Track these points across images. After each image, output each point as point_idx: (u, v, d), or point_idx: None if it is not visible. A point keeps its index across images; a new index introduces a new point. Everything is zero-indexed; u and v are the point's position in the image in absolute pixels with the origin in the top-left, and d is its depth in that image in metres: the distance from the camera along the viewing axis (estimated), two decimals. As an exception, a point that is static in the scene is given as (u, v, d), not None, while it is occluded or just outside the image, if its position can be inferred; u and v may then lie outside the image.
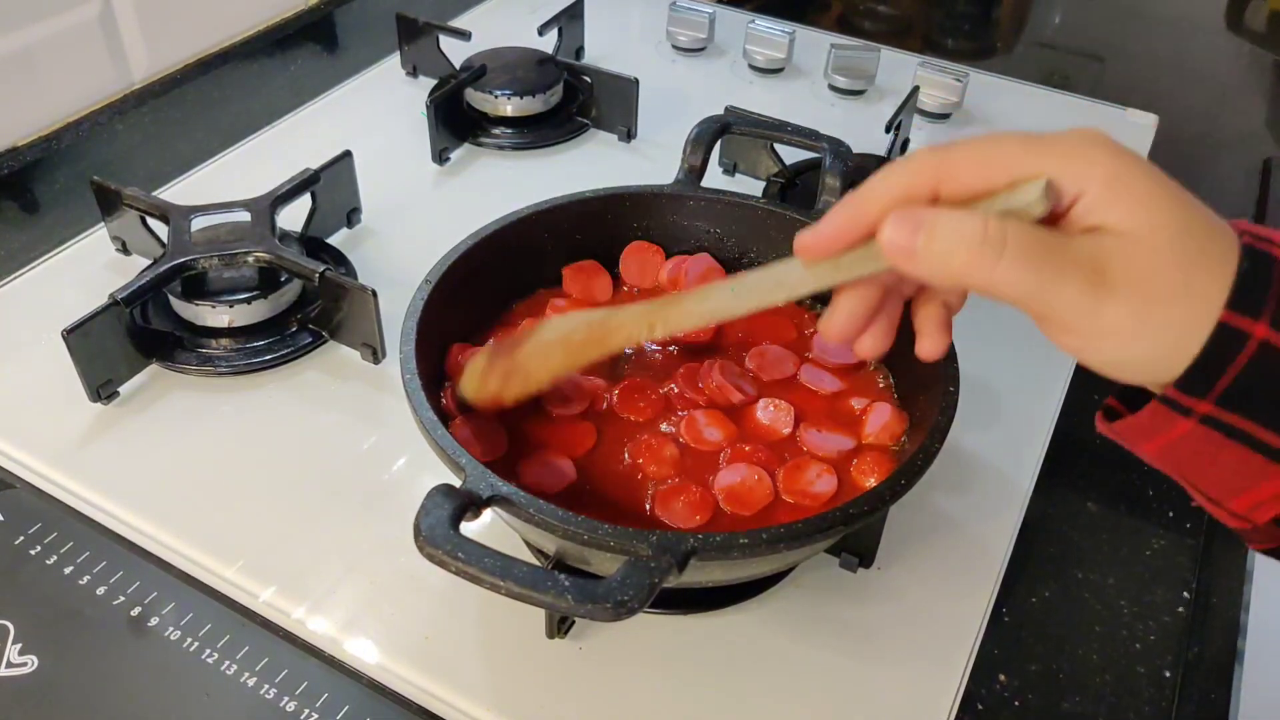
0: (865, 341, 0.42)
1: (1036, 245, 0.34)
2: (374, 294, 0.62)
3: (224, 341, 0.65)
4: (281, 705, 0.47)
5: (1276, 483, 0.35)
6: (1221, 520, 0.39)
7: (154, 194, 0.71)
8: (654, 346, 0.58)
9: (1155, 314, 0.33)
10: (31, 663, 0.48)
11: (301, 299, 0.68)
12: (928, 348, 0.41)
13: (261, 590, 0.52)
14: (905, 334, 0.54)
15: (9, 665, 0.48)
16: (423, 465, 0.58)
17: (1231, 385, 0.33)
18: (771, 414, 0.53)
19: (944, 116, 0.92)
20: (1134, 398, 0.38)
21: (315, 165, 0.72)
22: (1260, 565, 0.56)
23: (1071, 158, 0.34)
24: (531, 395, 0.50)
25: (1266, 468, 0.34)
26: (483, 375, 0.50)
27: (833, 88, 0.96)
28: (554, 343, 0.49)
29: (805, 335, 0.59)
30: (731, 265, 0.63)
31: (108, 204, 0.71)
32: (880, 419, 0.53)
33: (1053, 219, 0.35)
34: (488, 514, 0.43)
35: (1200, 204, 0.35)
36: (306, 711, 0.46)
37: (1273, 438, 0.34)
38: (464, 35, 0.92)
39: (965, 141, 0.36)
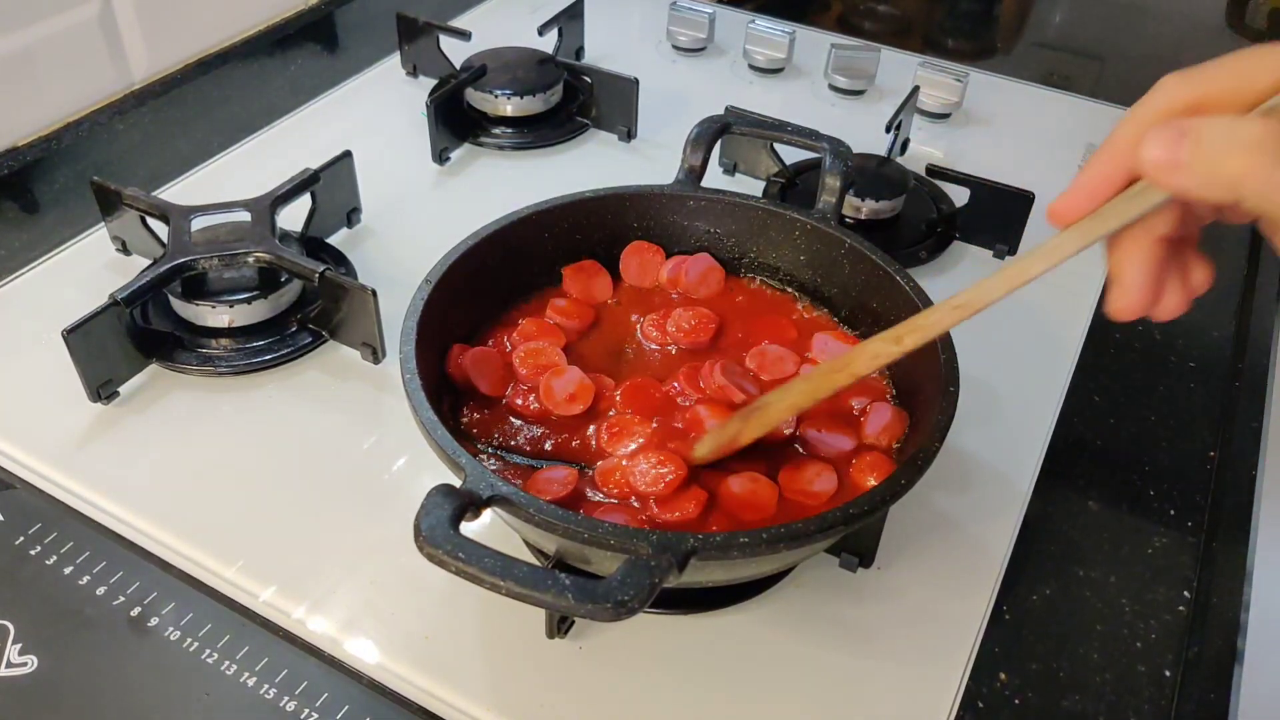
0: (1167, 303, 0.37)
1: None
2: (374, 294, 0.62)
3: (224, 341, 0.65)
4: (281, 705, 0.47)
5: None
6: None
7: (154, 194, 0.71)
8: (654, 346, 0.58)
9: None
10: (31, 663, 0.48)
11: (301, 299, 0.68)
12: (1200, 280, 0.37)
13: (261, 590, 0.52)
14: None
15: (9, 665, 0.48)
16: (423, 465, 0.58)
17: None
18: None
19: (944, 116, 0.92)
20: None
21: (315, 165, 0.72)
22: (1260, 565, 0.56)
23: None
24: (768, 431, 0.49)
25: None
26: (722, 427, 0.50)
27: (833, 88, 0.96)
28: (800, 379, 0.49)
29: (806, 334, 0.59)
30: (732, 265, 0.63)
31: (108, 204, 0.71)
32: (881, 419, 0.53)
33: None
34: (488, 514, 0.43)
35: None
36: (306, 711, 0.46)
37: None
38: (464, 35, 0.92)
39: (1215, 60, 0.33)
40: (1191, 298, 0.38)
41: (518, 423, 0.53)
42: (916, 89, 0.90)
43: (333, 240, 0.74)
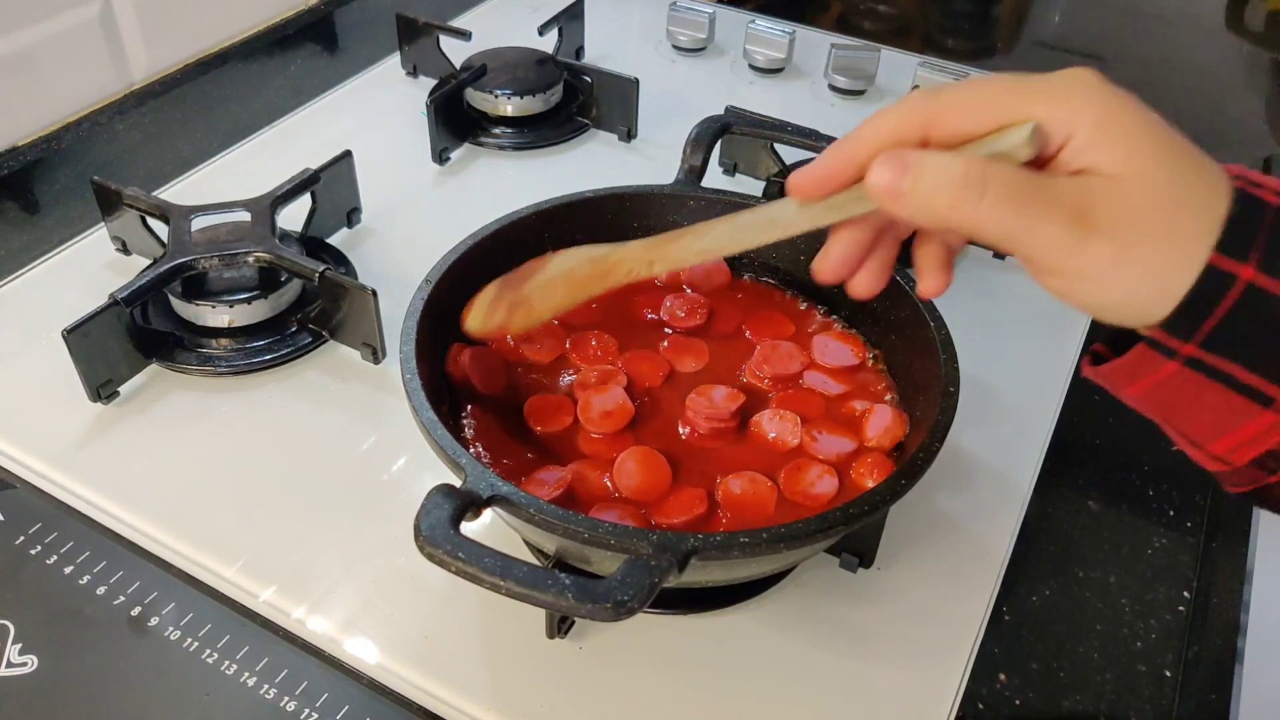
0: (860, 280, 0.43)
1: (1019, 185, 0.34)
2: (374, 294, 0.62)
3: (224, 341, 0.65)
4: (281, 705, 0.47)
5: (1257, 424, 0.35)
6: (1201, 463, 0.39)
7: (154, 194, 0.71)
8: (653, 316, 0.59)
9: (1137, 254, 0.34)
10: (31, 663, 0.48)
11: (301, 299, 0.68)
12: (927, 286, 0.42)
13: (261, 590, 0.52)
14: (905, 334, 0.55)
15: (9, 665, 0.48)
16: (423, 465, 0.58)
17: (1217, 327, 0.34)
18: (778, 425, 0.53)
19: (944, 116, 0.92)
20: (1120, 343, 0.38)
21: (315, 165, 0.72)
22: (1260, 565, 0.56)
23: (1061, 100, 0.34)
24: (533, 327, 0.52)
25: (1249, 409, 0.35)
26: (490, 307, 0.51)
27: (833, 88, 0.96)
28: (558, 277, 0.50)
29: (806, 334, 0.59)
30: (732, 265, 0.63)
31: (108, 204, 0.71)
32: (881, 422, 0.53)
33: (1042, 162, 0.35)
34: (488, 514, 0.43)
35: (1194, 149, 0.35)
36: (306, 711, 0.46)
37: (1256, 380, 0.34)
38: (464, 35, 0.92)
39: (956, 85, 0.37)
40: (880, 286, 0.43)
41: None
42: (916, 89, 0.89)
43: (333, 240, 0.74)
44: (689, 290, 0.62)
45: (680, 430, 0.53)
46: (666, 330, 0.59)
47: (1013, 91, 0.35)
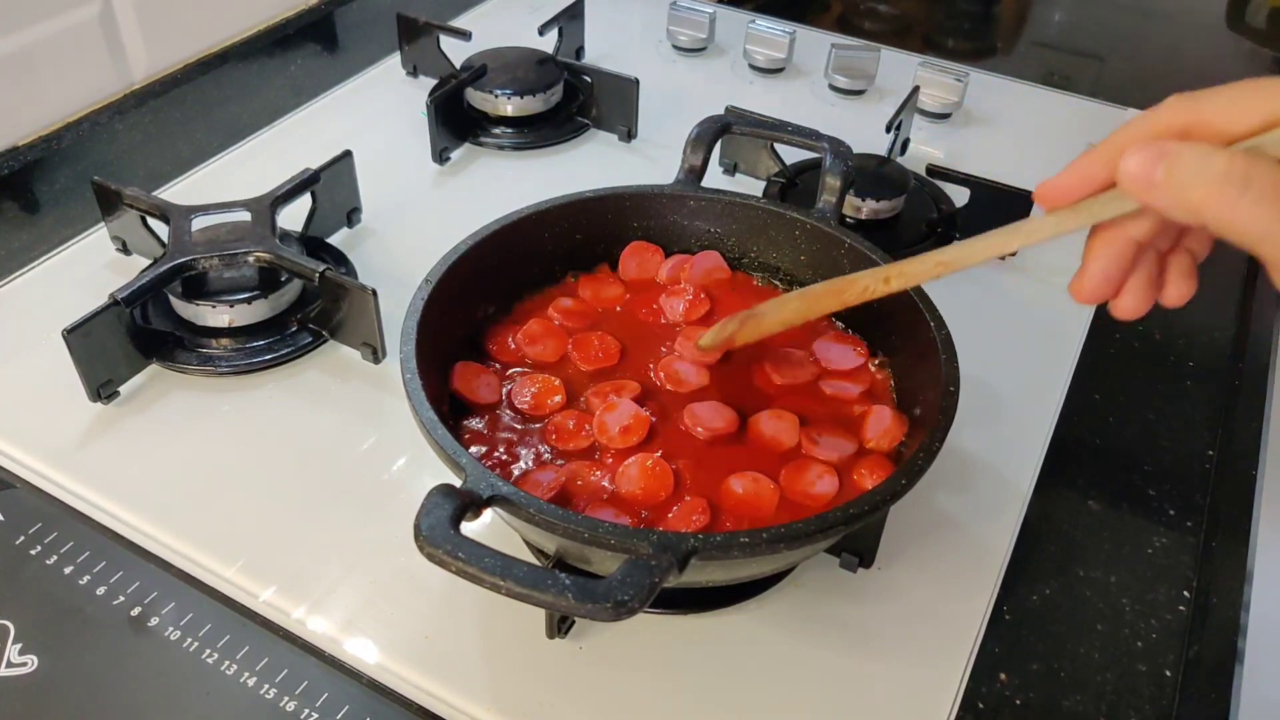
0: (1124, 301, 0.40)
1: None
2: (374, 294, 0.62)
3: (224, 341, 0.65)
4: (281, 705, 0.47)
5: None
6: None
7: (154, 194, 0.71)
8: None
9: None
10: (31, 663, 0.48)
11: (301, 299, 0.68)
12: (1174, 295, 0.40)
13: (261, 590, 0.52)
14: (905, 334, 0.55)
15: (9, 665, 0.48)
16: (423, 465, 0.58)
17: None
18: (776, 425, 0.53)
19: (944, 116, 0.92)
20: None
21: (315, 165, 0.72)
22: (1260, 565, 0.56)
23: None
24: (761, 337, 0.53)
25: None
26: (722, 324, 0.54)
27: (833, 88, 0.96)
28: (793, 295, 0.52)
29: (806, 335, 0.59)
30: (732, 265, 0.63)
31: (108, 204, 0.71)
32: (880, 423, 0.53)
33: None
34: (488, 514, 0.43)
35: None
36: (306, 711, 0.46)
37: None
38: (464, 35, 0.92)
39: (1221, 87, 0.35)
40: (1148, 306, 0.40)
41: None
42: (916, 89, 0.90)
43: (333, 240, 0.74)
44: (687, 286, 0.62)
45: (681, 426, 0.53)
46: (670, 325, 0.59)
47: (1274, 89, 0.34)
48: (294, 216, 0.72)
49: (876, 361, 0.58)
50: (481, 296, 0.58)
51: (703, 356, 0.55)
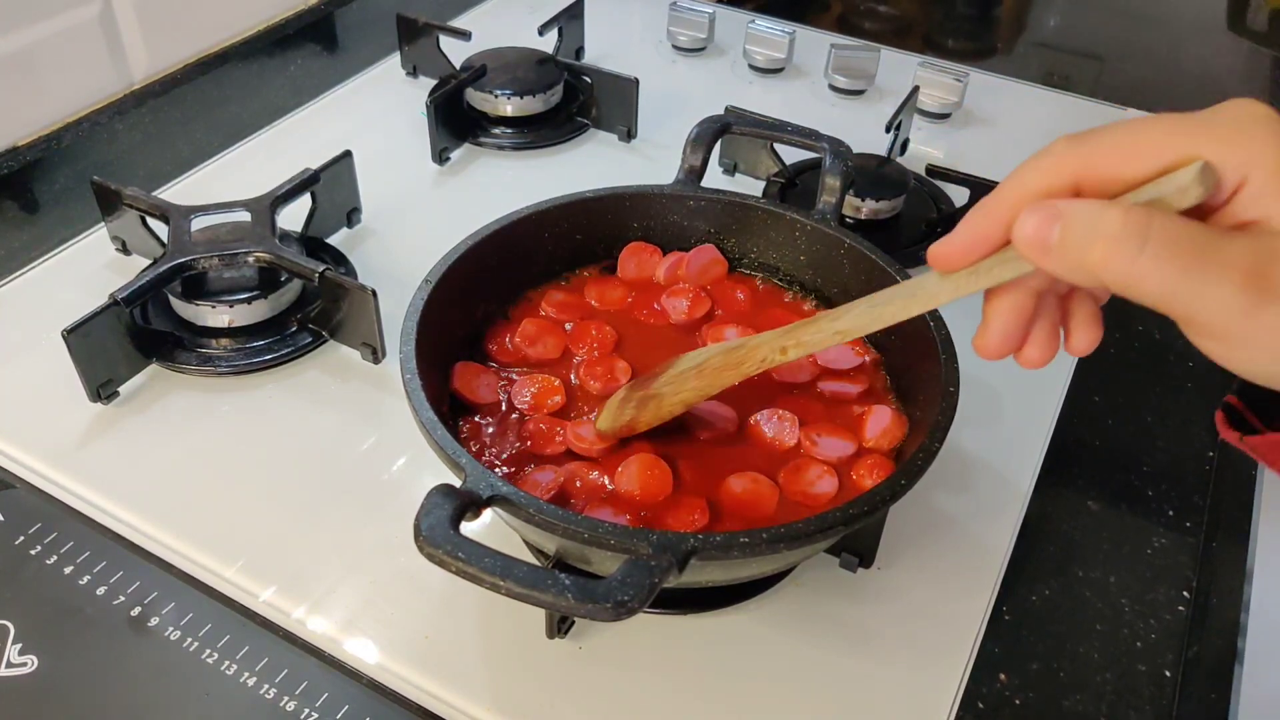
0: (1029, 352, 0.39)
1: (1184, 239, 0.30)
2: (374, 294, 0.62)
3: (224, 341, 0.65)
4: (281, 705, 0.47)
5: None
6: None
7: (154, 194, 0.71)
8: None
9: None
10: (31, 663, 0.48)
11: (301, 299, 0.68)
12: (1080, 343, 0.39)
13: (261, 590, 0.52)
14: (905, 334, 0.55)
15: (9, 665, 0.48)
16: (423, 465, 0.58)
17: None
18: (775, 425, 0.53)
19: (944, 116, 0.92)
20: (1260, 397, 0.35)
21: (315, 165, 0.72)
22: (1260, 565, 0.56)
23: (1233, 140, 0.31)
24: (663, 422, 0.51)
25: None
26: (619, 406, 0.51)
27: (833, 88, 0.96)
28: (690, 371, 0.50)
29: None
30: (732, 265, 0.63)
31: (108, 204, 0.71)
32: (880, 423, 0.53)
33: (1204, 211, 0.32)
34: (488, 514, 0.43)
35: None
36: (306, 711, 0.46)
37: None
38: (464, 35, 0.92)
39: (1107, 127, 0.33)
40: (1053, 354, 0.39)
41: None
42: (916, 89, 0.90)
43: (333, 240, 0.74)
44: (686, 285, 0.62)
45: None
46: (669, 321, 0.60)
47: (1176, 131, 0.32)
48: (294, 216, 0.72)
49: (874, 360, 0.58)
50: (481, 296, 0.58)
51: (601, 441, 0.52)
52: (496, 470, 0.50)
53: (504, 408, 0.54)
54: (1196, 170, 0.30)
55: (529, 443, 0.52)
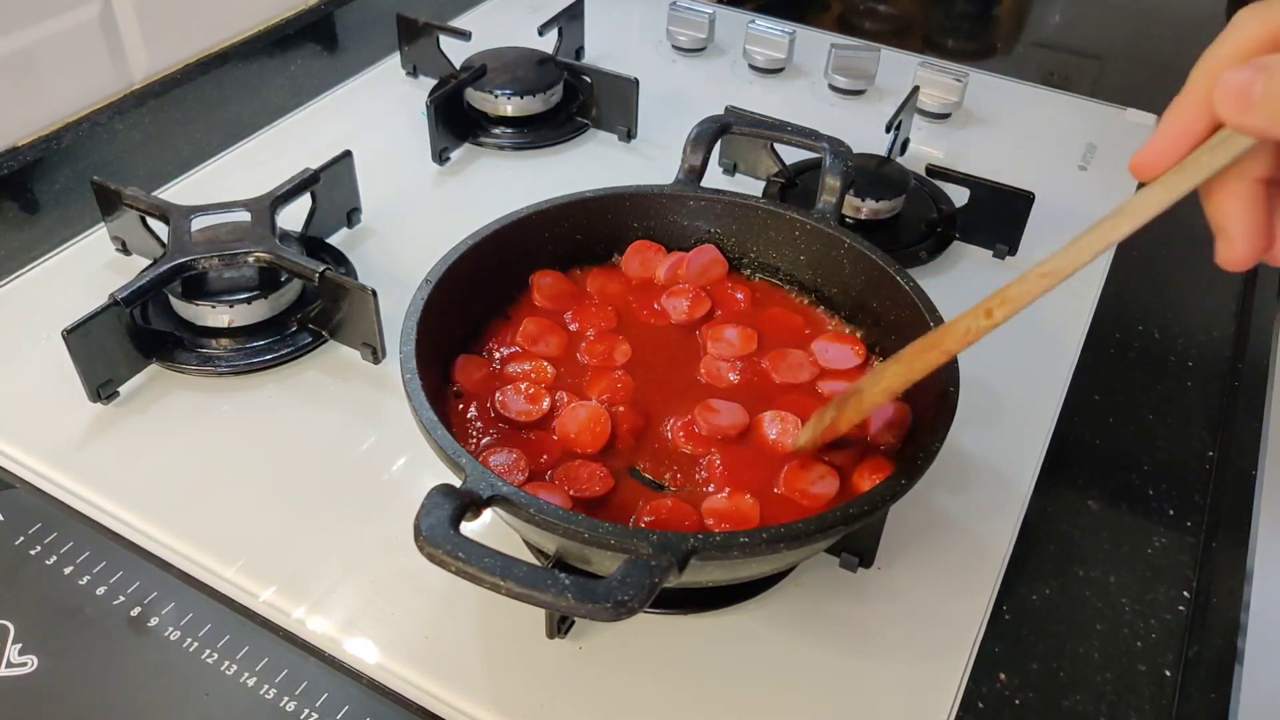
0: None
1: None
2: (374, 294, 0.62)
3: (224, 341, 0.65)
4: (281, 705, 0.47)
5: None
6: None
7: (154, 194, 0.71)
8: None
9: None
10: (31, 663, 0.48)
11: (301, 299, 0.68)
12: (1235, 252, 0.35)
13: (261, 590, 0.52)
14: (905, 334, 0.55)
15: (9, 665, 0.48)
16: (423, 465, 0.58)
17: None
18: (779, 428, 0.53)
19: (944, 116, 0.92)
20: None
21: (315, 165, 0.72)
22: (1260, 565, 0.56)
23: None
24: (864, 416, 0.48)
25: None
26: (819, 416, 0.50)
27: (833, 88, 0.96)
28: (887, 362, 0.47)
29: (805, 335, 0.59)
30: (732, 265, 0.63)
31: (108, 204, 0.71)
32: (883, 415, 0.53)
33: None
34: (488, 514, 0.43)
35: None
36: (306, 711, 0.46)
37: None
38: (464, 35, 0.92)
39: None
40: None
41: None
42: (916, 89, 0.90)
43: (333, 240, 0.74)
44: (686, 285, 0.62)
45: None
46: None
47: None
48: (294, 216, 0.72)
49: (877, 359, 0.58)
50: (482, 296, 0.58)
51: (802, 454, 0.51)
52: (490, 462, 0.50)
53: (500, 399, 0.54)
54: None
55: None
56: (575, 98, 0.90)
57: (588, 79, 0.89)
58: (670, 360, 0.57)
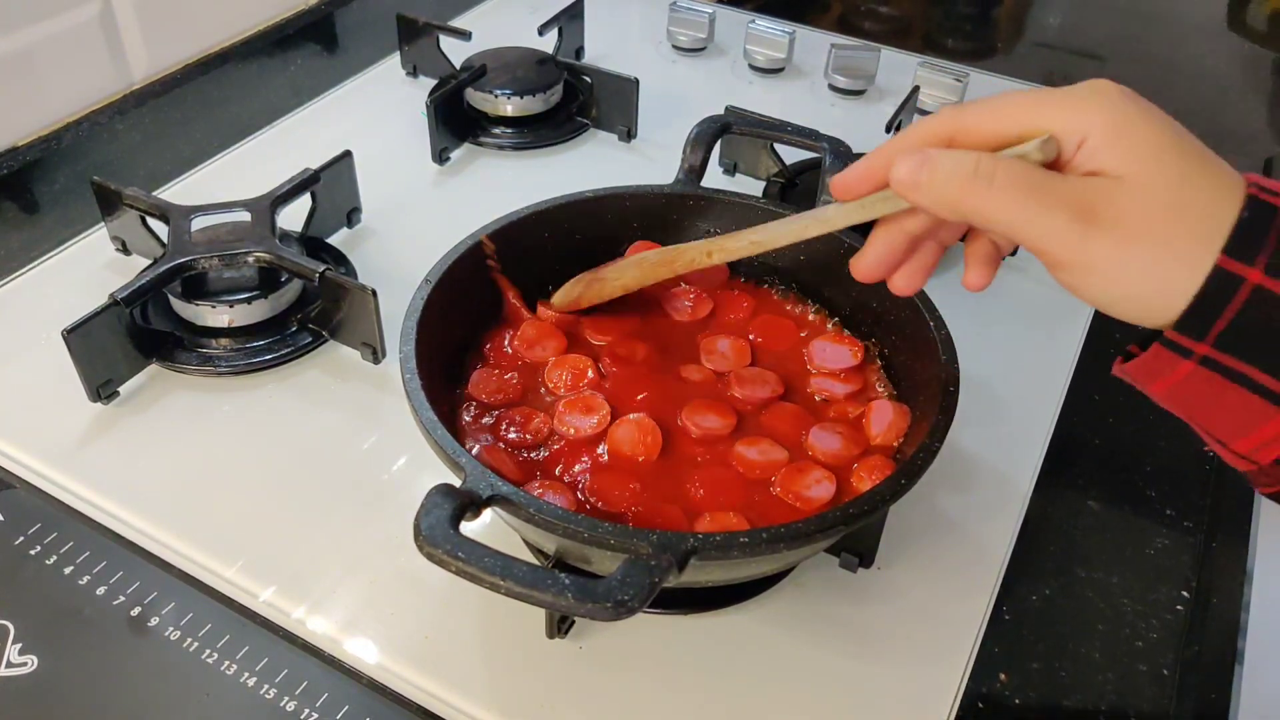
0: (898, 278, 0.46)
1: (1026, 178, 0.37)
2: (374, 294, 0.62)
3: (224, 341, 0.65)
4: (281, 705, 0.47)
5: (1276, 425, 0.36)
6: (1229, 462, 0.40)
7: (154, 194, 0.71)
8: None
9: (1137, 251, 0.36)
10: (31, 663, 0.48)
11: (301, 299, 0.68)
12: (970, 278, 0.44)
13: (261, 590, 0.52)
14: (905, 334, 0.55)
15: (9, 665, 0.48)
16: (423, 465, 0.58)
17: (1227, 328, 0.35)
18: (760, 452, 0.52)
19: (944, 116, 0.92)
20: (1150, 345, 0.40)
21: (315, 165, 0.72)
22: (1260, 565, 0.56)
23: (1077, 108, 0.37)
24: (604, 299, 0.57)
25: (1267, 409, 0.36)
26: (570, 286, 0.58)
27: (833, 88, 0.96)
28: (631, 262, 0.57)
29: (802, 338, 0.59)
30: (732, 265, 0.63)
31: (108, 204, 0.71)
32: (884, 418, 0.53)
33: (1060, 166, 0.38)
34: (488, 514, 0.43)
35: (1207, 155, 0.37)
36: (306, 711, 0.46)
37: (1270, 381, 0.35)
38: (464, 35, 0.92)
39: (981, 99, 0.40)
40: (918, 285, 0.46)
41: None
42: (916, 89, 0.90)
43: (333, 240, 0.74)
44: (686, 286, 0.62)
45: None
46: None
47: (1033, 102, 0.38)
48: (294, 216, 0.72)
49: (874, 352, 0.57)
50: (482, 296, 0.58)
51: (553, 315, 0.58)
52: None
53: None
54: (1040, 140, 0.37)
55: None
56: (575, 98, 0.90)
57: (588, 79, 0.89)
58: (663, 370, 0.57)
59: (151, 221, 0.70)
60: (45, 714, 0.46)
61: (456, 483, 0.42)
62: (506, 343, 0.57)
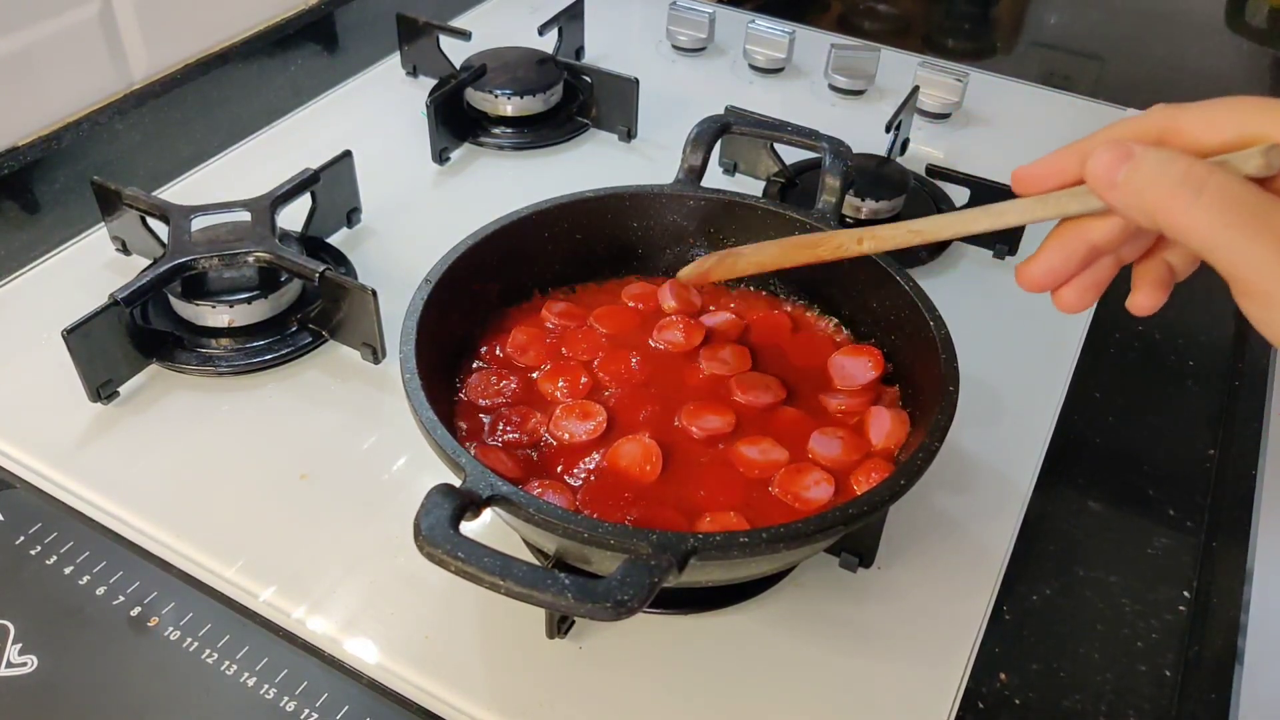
0: (1066, 294, 0.41)
1: (1237, 197, 0.33)
2: (374, 294, 0.62)
3: (224, 341, 0.65)
4: (281, 705, 0.47)
5: None
6: None
7: (154, 194, 0.71)
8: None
9: None
10: (31, 663, 0.48)
11: (301, 299, 0.68)
12: (1139, 301, 0.41)
13: (261, 590, 0.52)
14: (905, 334, 0.55)
15: (9, 665, 0.48)
16: (423, 465, 0.58)
17: None
18: (761, 452, 0.52)
19: (944, 116, 0.92)
20: None
21: (315, 165, 0.72)
22: (1260, 565, 0.56)
23: None
24: (737, 275, 0.54)
25: None
26: (702, 260, 0.55)
27: (833, 88, 0.96)
28: (773, 242, 0.53)
29: (802, 329, 0.59)
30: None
31: (108, 204, 0.71)
32: (882, 426, 0.52)
33: (1275, 188, 0.34)
34: (488, 514, 0.43)
35: None
36: (306, 711, 0.46)
37: None
38: (464, 35, 0.92)
39: (1201, 102, 0.36)
40: (1087, 305, 0.41)
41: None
42: (916, 89, 0.90)
43: (333, 240, 0.74)
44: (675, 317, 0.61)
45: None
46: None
47: (1257, 109, 0.35)
48: (294, 216, 0.72)
49: (890, 365, 0.57)
50: (482, 296, 0.58)
51: (682, 289, 0.59)
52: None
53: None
54: (1263, 147, 0.33)
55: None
56: (575, 98, 0.90)
57: (588, 79, 0.89)
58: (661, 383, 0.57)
59: (151, 221, 0.70)
60: (45, 714, 0.46)
61: (456, 483, 0.42)
62: (498, 350, 0.57)
